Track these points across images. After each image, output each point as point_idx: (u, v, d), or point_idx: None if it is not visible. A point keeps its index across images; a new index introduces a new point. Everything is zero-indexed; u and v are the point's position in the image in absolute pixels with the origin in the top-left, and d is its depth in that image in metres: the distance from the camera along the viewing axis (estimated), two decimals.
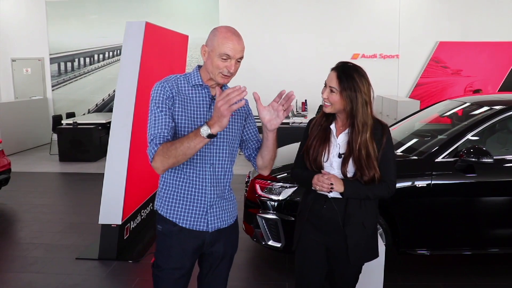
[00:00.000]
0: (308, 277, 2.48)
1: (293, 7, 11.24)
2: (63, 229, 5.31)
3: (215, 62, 2.02)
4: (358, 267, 2.48)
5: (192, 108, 2.06)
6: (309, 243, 2.44)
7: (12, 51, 12.33)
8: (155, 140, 1.96)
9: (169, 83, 2.06)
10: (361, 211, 2.32)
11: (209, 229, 2.13)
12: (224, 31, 2.03)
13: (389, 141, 2.30)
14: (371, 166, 2.22)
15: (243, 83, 8.50)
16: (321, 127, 2.37)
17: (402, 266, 4.18)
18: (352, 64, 2.28)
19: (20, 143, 10.40)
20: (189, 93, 2.08)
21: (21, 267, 4.29)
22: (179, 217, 2.11)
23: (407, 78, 11.30)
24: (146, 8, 11.66)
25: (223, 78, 2.06)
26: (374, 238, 2.45)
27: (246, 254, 4.52)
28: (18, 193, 6.83)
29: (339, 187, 2.23)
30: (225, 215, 2.19)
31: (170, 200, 2.13)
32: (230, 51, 2.00)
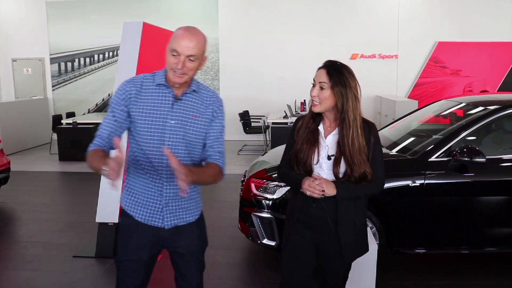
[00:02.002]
0: (295, 275, 2.48)
1: (293, 7, 11.28)
2: (61, 227, 5.35)
3: (167, 59, 2.05)
4: (349, 265, 2.51)
5: (152, 106, 2.08)
6: (298, 242, 2.44)
7: (12, 51, 12.40)
8: (95, 139, 2.09)
9: (132, 83, 2.11)
10: (352, 210, 2.33)
11: (164, 226, 2.16)
12: (180, 29, 2.07)
13: (377, 139, 2.33)
14: (362, 162, 2.23)
15: (243, 82, 8.67)
16: (308, 129, 2.36)
17: (396, 265, 4.20)
18: (340, 62, 2.30)
19: (21, 143, 10.45)
20: (152, 92, 2.11)
21: (19, 265, 4.34)
22: (136, 211, 2.16)
23: (406, 78, 11.33)
24: (146, 8, 11.70)
25: (174, 76, 2.05)
26: (365, 234, 2.48)
27: (241, 253, 4.55)
28: (18, 192, 6.88)
29: (332, 191, 2.23)
30: (184, 213, 2.20)
31: (130, 195, 2.19)
32: (179, 47, 2.01)
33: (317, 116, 2.36)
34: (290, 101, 10.20)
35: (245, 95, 11.51)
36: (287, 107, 9.69)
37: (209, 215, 5.64)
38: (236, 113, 10.48)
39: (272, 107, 11.01)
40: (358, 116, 2.25)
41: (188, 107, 2.14)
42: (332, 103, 2.25)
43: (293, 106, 9.93)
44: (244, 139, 10.95)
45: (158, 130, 2.07)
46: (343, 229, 2.33)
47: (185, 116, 2.12)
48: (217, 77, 11.82)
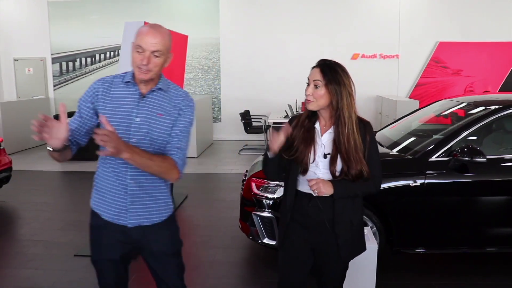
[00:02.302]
0: (292, 275, 2.49)
1: (293, 7, 11.28)
2: (62, 226, 5.37)
3: (132, 56, 2.06)
4: (346, 264, 2.51)
5: (118, 103, 2.10)
6: (294, 242, 2.44)
7: (14, 51, 12.43)
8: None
9: (101, 82, 2.16)
10: (349, 209, 2.33)
11: (128, 224, 2.17)
12: (144, 26, 2.08)
13: (372, 138, 2.32)
14: (358, 160, 2.23)
15: (244, 82, 8.69)
16: (304, 128, 2.35)
17: (396, 265, 4.21)
18: (333, 61, 2.30)
19: (22, 142, 10.46)
20: (120, 89, 2.13)
21: (20, 263, 4.35)
22: (103, 210, 2.19)
23: (407, 78, 11.33)
24: (147, 8, 11.73)
25: (140, 73, 2.06)
26: (361, 232, 2.49)
27: (242, 252, 4.56)
28: (19, 191, 6.90)
29: (329, 190, 2.22)
30: (149, 213, 2.19)
31: (97, 194, 2.23)
32: (144, 43, 2.01)
33: (313, 115, 2.36)
34: (291, 101, 10.21)
35: (246, 95, 11.52)
36: (288, 107, 9.70)
37: (209, 214, 5.71)
38: (237, 113, 10.49)
39: (273, 107, 11.01)
40: (353, 114, 2.25)
41: (153, 104, 2.13)
42: (326, 101, 2.25)
43: (294, 106, 9.94)
44: (245, 139, 10.97)
45: (123, 127, 2.08)
46: (340, 229, 2.32)
47: (150, 113, 2.12)
48: (218, 77, 11.83)
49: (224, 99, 11.89)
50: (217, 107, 11.91)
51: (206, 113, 10.70)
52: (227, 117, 11.83)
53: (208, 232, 5.07)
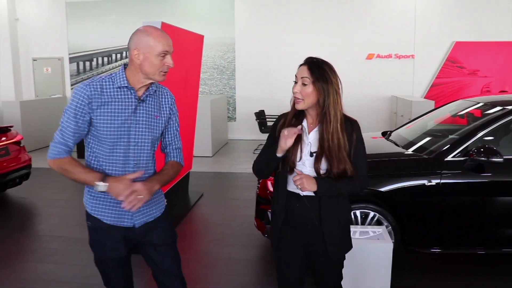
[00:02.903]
0: (288, 275, 2.51)
1: (308, 7, 11.29)
2: (80, 222, 5.45)
3: (154, 63, 2.07)
4: (338, 262, 2.50)
5: (115, 109, 2.09)
6: (287, 243, 2.45)
7: (33, 51, 12.65)
8: (59, 146, 2.09)
9: (91, 86, 2.07)
10: (335, 207, 2.34)
11: (134, 225, 2.22)
12: (152, 30, 2.10)
13: (359, 137, 2.31)
14: (341, 159, 2.22)
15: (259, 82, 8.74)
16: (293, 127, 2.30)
17: (411, 264, 4.21)
18: (321, 59, 2.31)
19: (40, 140, 10.63)
20: (113, 94, 2.10)
21: (40, 258, 4.47)
22: (104, 215, 2.19)
23: (423, 78, 11.26)
24: (162, 8, 11.84)
25: (163, 76, 2.12)
26: (348, 231, 2.49)
27: (257, 250, 4.60)
28: (38, 188, 7.04)
29: (312, 186, 2.22)
30: (151, 209, 2.27)
31: (94, 198, 2.19)
32: (168, 46, 2.08)
33: (300, 113, 2.36)
34: None
35: (261, 94, 11.56)
36: None
37: (225, 213, 5.77)
38: (252, 113, 10.52)
39: (288, 107, 10.94)
40: (339, 112, 2.24)
41: (150, 107, 2.19)
42: (314, 99, 2.24)
43: None
44: (260, 139, 10.99)
45: (123, 133, 2.11)
46: (326, 226, 2.33)
47: (148, 116, 2.18)
48: (233, 77, 11.89)
49: (239, 99, 11.94)
50: (232, 107, 11.97)
51: (221, 113, 10.76)
52: (242, 116, 11.88)
53: (223, 230, 5.12)
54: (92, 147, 2.15)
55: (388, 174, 3.88)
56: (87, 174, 2.05)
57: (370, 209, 3.85)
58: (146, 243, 2.30)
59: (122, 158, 2.12)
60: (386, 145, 4.59)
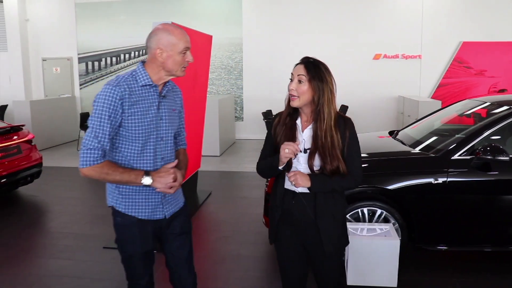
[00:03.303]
0: (289, 272, 2.57)
1: (315, 8, 11.33)
2: (91, 220, 5.55)
3: (177, 60, 2.17)
4: (336, 259, 2.52)
5: (143, 108, 2.17)
6: (285, 239, 2.51)
7: (43, 51, 12.79)
8: (95, 152, 2.07)
9: (120, 87, 2.10)
10: (330, 204, 2.38)
11: (166, 216, 2.33)
12: (173, 28, 2.19)
13: (352, 134, 2.35)
14: (334, 156, 2.27)
15: (266, 82, 8.81)
16: (285, 126, 2.40)
17: (418, 261, 4.25)
18: (317, 59, 2.37)
19: (50, 140, 10.77)
20: (140, 93, 2.16)
21: (52, 254, 4.56)
22: (137, 211, 2.26)
23: (430, 78, 11.26)
24: (171, 9, 11.93)
25: (184, 71, 2.23)
26: (344, 227, 2.52)
27: (266, 247, 4.65)
28: (48, 186, 7.14)
29: (306, 183, 2.28)
30: (177, 201, 2.41)
31: (125, 196, 2.26)
32: (188, 43, 2.19)
33: (294, 112, 2.41)
34: None
35: (268, 94, 11.61)
36: None
37: (233, 211, 5.84)
38: (259, 112, 10.59)
39: None
40: (333, 111, 2.29)
41: (170, 102, 2.32)
42: (309, 97, 2.30)
43: None
44: None
45: (152, 130, 2.20)
46: (321, 222, 2.37)
47: (169, 110, 2.30)
48: (241, 77, 11.96)
49: (246, 99, 12.00)
50: (239, 107, 12.04)
51: (229, 113, 10.83)
52: (249, 116, 11.94)
53: (232, 228, 5.19)
54: (120, 147, 2.19)
55: (395, 172, 3.92)
56: (130, 173, 2.13)
57: (378, 206, 3.90)
58: (168, 233, 2.40)
59: (152, 154, 2.22)
60: (393, 144, 4.64)
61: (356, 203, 3.92)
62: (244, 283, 3.89)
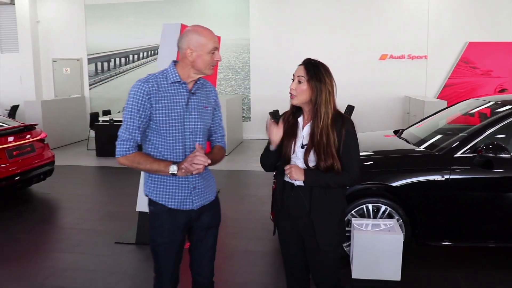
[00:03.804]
0: (291, 264, 2.68)
1: (321, 8, 11.42)
2: (102, 216, 5.70)
3: (206, 59, 2.30)
4: (331, 256, 2.56)
5: (171, 103, 2.30)
6: (285, 231, 2.63)
7: (53, 52, 12.98)
8: (127, 143, 2.28)
9: (148, 83, 2.28)
10: (326, 199, 2.45)
11: (194, 207, 2.43)
12: (202, 29, 2.31)
13: (349, 132, 2.41)
14: (329, 154, 2.36)
15: (273, 82, 8.96)
16: (288, 123, 2.52)
17: (422, 257, 4.33)
18: (318, 60, 2.48)
19: (60, 139, 10.94)
20: (168, 89, 2.31)
21: (66, 248, 4.71)
22: (167, 200, 2.40)
23: (436, 78, 11.30)
24: (180, 10, 12.06)
25: (212, 70, 2.36)
26: (341, 225, 2.56)
27: (273, 243, 4.76)
28: (60, 184, 7.30)
29: (299, 176, 2.39)
30: (207, 193, 2.50)
31: (158, 186, 2.40)
32: (216, 43, 2.31)
33: (298, 111, 2.53)
34: None
35: (275, 94, 11.68)
36: None
37: (241, 208, 5.96)
38: (266, 112, 10.66)
39: None
40: (330, 111, 2.38)
41: (200, 99, 2.43)
42: (308, 96, 2.41)
43: None
44: None
45: (179, 124, 2.32)
46: (316, 217, 2.45)
47: (199, 107, 2.41)
48: (248, 77, 12.07)
49: (253, 99, 12.11)
50: (247, 107, 12.16)
51: (236, 113, 10.95)
52: (256, 116, 12.05)
53: (240, 224, 5.31)
54: (152, 140, 2.35)
55: (399, 169, 4.03)
56: (159, 163, 2.27)
57: (382, 203, 4.00)
58: (196, 226, 2.51)
59: (181, 147, 2.34)
60: (398, 143, 4.74)
61: (361, 199, 4.03)
62: (251, 277, 4.01)
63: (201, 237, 2.56)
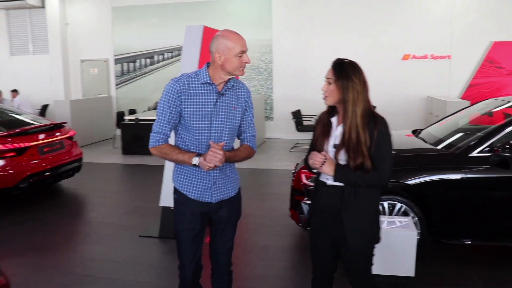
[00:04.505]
0: (319, 260, 2.75)
1: (344, 8, 11.48)
2: (127, 211, 5.92)
3: (234, 62, 2.43)
4: (363, 255, 2.58)
5: (200, 102, 2.46)
6: (316, 227, 2.69)
7: (81, 53, 13.38)
8: (158, 135, 2.48)
9: (180, 82, 2.45)
10: (357, 199, 2.46)
11: (213, 201, 2.59)
12: (229, 34, 2.45)
13: (381, 132, 2.39)
14: (359, 153, 2.36)
15: (295, 82, 9.10)
16: (324, 122, 2.57)
17: (438, 254, 4.38)
18: (349, 60, 2.52)
19: (88, 137, 11.27)
20: (198, 89, 2.47)
21: (94, 241, 4.95)
22: (188, 190, 2.58)
23: (460, 79, 11.20)
24: (203, 12, 12.27)
25: (242, 71, 2.48)
26: (374, 224, 2.57)
27: (292, 238, 4.89)
28: (88, 181, 7.58)
29: (329, 171, 2.42)
30: (227, 189, 2.64)
31: (181, 176, 2.60)
32: (244, 46, 2.44)
33: (333, 111, 2.56)
34: None
35: (297, 94, 11.82)
36: None
37: (261, 206, 6.11)
38: (289, 112, 10.78)
39: (324, 106, 11.19)
40: (359, 109, 2.37)
41: (229, 100, 2.56)
42: (337, 97, 2.44)
43: None
44: (296, 137, 11.24)
45: (206, 122, 2.48)
46: (346, 216, 2.48)
47: (227, 107, 2.54)
48: (270, 77, 12.21)
49: (276, 99, 12.24)
50: (269, 107, 12.29)
51: (259, 112, 11.09)
52: (278, 116, 12.16)
53: (260, 221, 5.45)
54: (181, 133, 2.54)
55: (415, 168, 4.10)
56: (184, 155, 2.45)
57: (397, 200, 4.08)
58: (215, 217, 2.67)
59: (205, 143, 2.49)
60: (415, 142, 4.80)
61: None
62: (269, 271, 4.15)
63: (220, 229, 2.71)
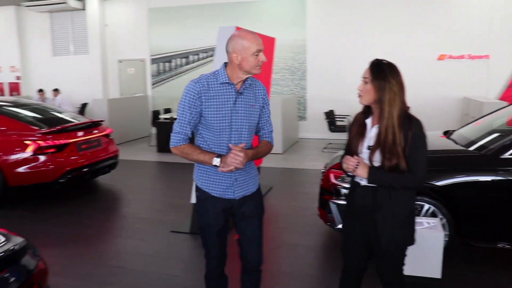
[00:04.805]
0: (349, 256, 2.78)
1: (378, 8, 11.37)
2: (160, 207, 6.11)
3: (251, 62, 2.48)
4: (395, 256, 2.59)
5: (220, 102, 2.51)
6: (348, 227, 2.74)
7: (119, 53, 13.78)
8: (179, 135, 2.54)
9: (200, 83, 2.51)
10: (391, 200, 2.47)
11: (236, 197, 2.66)
12: (246, 34, 2.50)
13: (416, 135, 2.39)
14: (394, 154, 2.36)
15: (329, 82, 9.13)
16: (359, 123, 2.59)
17: (467, 257, 4.31)
18: (387, 61, 2.52)
19: (124, 135, 11.59)
20: (218, 89, 2.53)
21: (128, 235, 5.15)
22: (211, 188, 2.65)
23: (498, 79, 10.89)
24: (237, 13, 12.42)
25: (259, 69, 2.53)
26: (408, 226, 2.56)
27: (320, 237, 4.94)
28: (123, 177, 7.83)
29: (363, 173, 2.43)
30: (248, 185, 2.71)
31: (204, 175, 2.66)
32: (260, 45, 2.48)
33: (368, 111, 2.57)
34: None
35: (331, 94, 11.78)
36: None
37: (292, 205, 6.19)
38: (322, 112, 10.77)
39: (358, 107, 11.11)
40: (395, 110, 2.37)
41: (247, 98, 2.62)
42: (373, 96, 2.45)
43: None
44: (329, 137, 11.22)
45: (226, 121, 2.55)
46: (379, 217, 2.50)
47: (246, 106, 2.61)
48: (304, 77, 12.23)
49: (309, 99, 12.25)
50: (303, 106, 12.31)
51: (292, 112, 11.15)
52: (312, 116, 12.15)
53: (289, 219, 5.52)
54: (202, 133, 2.62)
55: (444, 169, 4.07)
56: (205, 155, 2.53)
57: (426, 201, 4.07)
58: (239, 214, 2.75)
59: (226, 142, 2.57)
60: (445, 143, 4.76)
61: None
62: (297, 268, 4.21)
63: (245, 226, 2.78)
